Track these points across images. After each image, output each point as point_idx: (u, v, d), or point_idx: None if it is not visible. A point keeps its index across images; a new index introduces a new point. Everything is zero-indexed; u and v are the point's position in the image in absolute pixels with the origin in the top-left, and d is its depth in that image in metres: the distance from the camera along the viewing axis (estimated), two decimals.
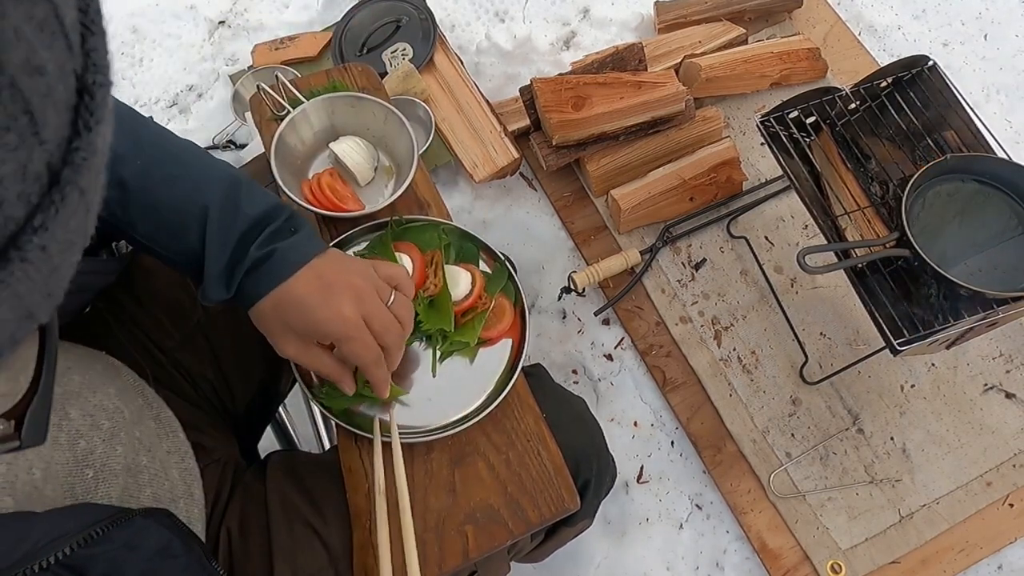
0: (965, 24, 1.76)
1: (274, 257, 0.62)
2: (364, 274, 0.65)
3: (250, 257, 0.61)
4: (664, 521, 1.31)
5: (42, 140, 0.22)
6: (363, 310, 0.64)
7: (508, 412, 0.74)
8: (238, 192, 0.63)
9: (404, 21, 1.60)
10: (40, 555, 0.47)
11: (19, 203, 0.22)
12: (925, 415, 1.35)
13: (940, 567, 1.25)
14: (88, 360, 0.67)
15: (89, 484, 0.58)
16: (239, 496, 0.73)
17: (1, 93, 0.20)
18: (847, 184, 1.14)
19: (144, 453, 0.63)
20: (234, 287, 0.62)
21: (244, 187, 0.64)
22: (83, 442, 0.58)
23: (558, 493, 0.70)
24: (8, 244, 0.22)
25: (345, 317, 0.62)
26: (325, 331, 0.63)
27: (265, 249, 0.62)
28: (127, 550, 0.52)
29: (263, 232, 0.62)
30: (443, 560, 0.67)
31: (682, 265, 1.47)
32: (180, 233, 0.62)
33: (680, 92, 1.40)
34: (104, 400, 0.63)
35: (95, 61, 0.24)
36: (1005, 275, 1.03)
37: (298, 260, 0.63)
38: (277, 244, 0.62)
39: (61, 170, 0.23)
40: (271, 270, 0.62)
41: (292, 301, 0.62)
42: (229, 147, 1.55)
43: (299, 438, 1.15)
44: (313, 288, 0.62)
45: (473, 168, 1.48)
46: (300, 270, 0.62)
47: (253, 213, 0.63)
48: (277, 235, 0.63)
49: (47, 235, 0.22)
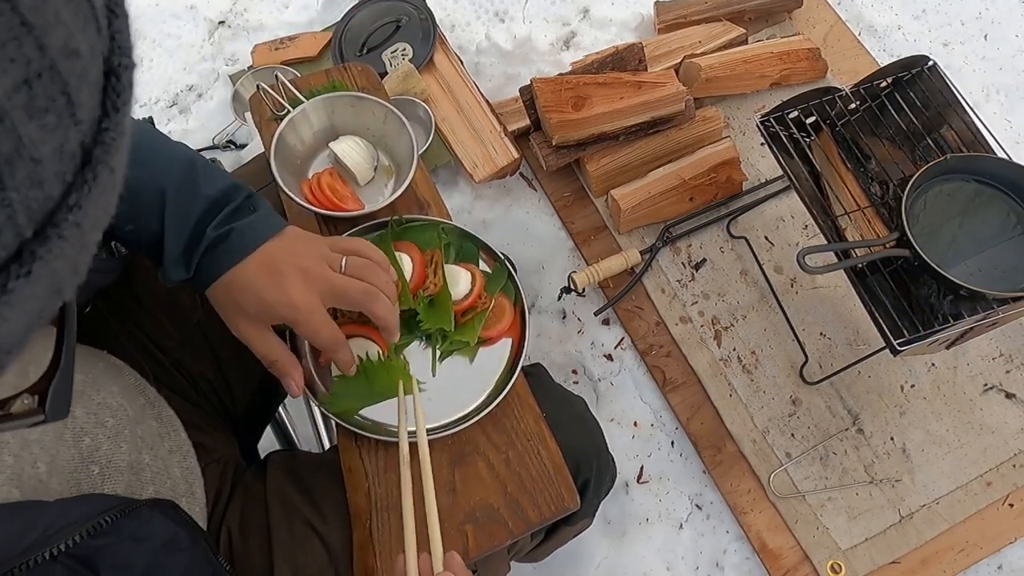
0: (965, 24, 1.76)
1: (231, 237, 0.63)
2: (315, 253, 0.66)
3: (207, 237, 0.62)
4: (664, 521, 1.31)
5: (77, 121, 0.23)
6: (316, 288, 0.64)
7: (508, 411, 0.74)
8: (195, 173, 0.64)
9: (404, 21, 1.60)
10: (50, 543, 0.48)
11: (56, 182, 0.22)
12: (925, 415, 1.35)
13: (940, 567, 1.25)
14: (90, 359, 0.67)
15: (95, 480, 0.58)
16: (239, 496, 0.73)
17: (42, 75, 0.21)
18: (847, 184, 1.14)
19: (147, 451, 0.64)
20: (193, 267, 0.63)
21: (201, 168, 0.64)
22: (88, 439, 0.59)
23: (558, 492, 0.70)
24: (46, 222, 0.22)
25: (292, 300, 0.63)
26: (275, 314, 0.64)
27: (222, 229, 0.63)
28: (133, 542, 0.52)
29: (221, 212, 0.63)
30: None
31: (682, 265, 1.47)
32: (140, 217, 0.62)
33: (680, 92, 1.40)
34: (108, 398, 0.63)
35: (120, 44, 0.25)
36: (1005, 275, 1.03)
37: (253, 241, 0.63)
38: (234, 224, 0.63)
39: (93, 149, 0.24)
40: (228, 249, 0.63)
41: (243, 284, 0.63)
42: (229, 147, 1.55)
43: (299, 438, 1.15)
44: (263, 271, 0.63)
45: (473, 168, 1.48)
46: (253, 252, 0.63)
47: (211, 193, 0.63)
48: (235, 215, 0.64)
49: (81, 212, 0.23)
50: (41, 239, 0.22)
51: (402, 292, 0.76)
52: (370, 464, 0.71)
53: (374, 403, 0.73)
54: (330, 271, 0.66)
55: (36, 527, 0.48)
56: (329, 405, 0.72)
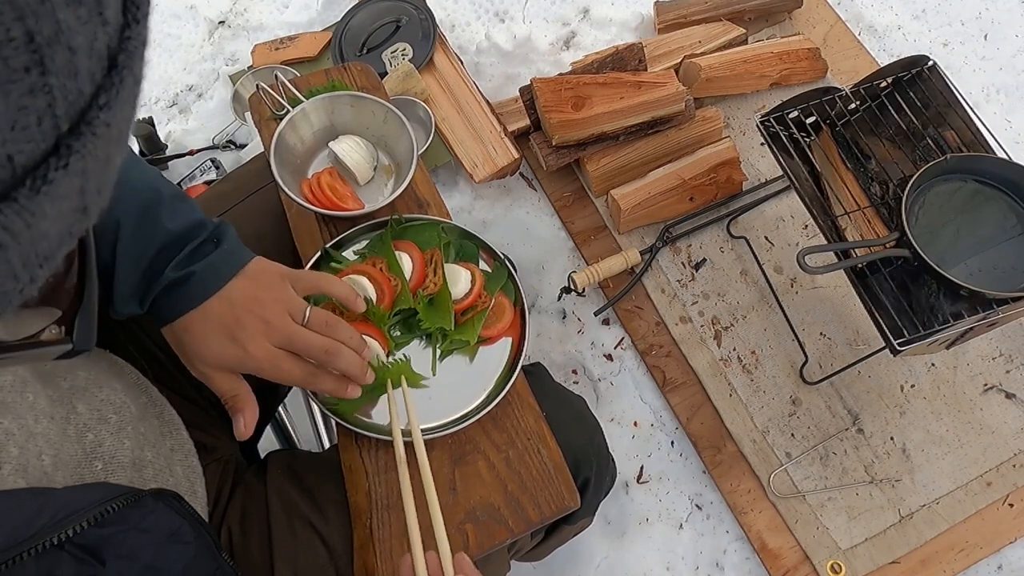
0: (965, 24, 1.76)
1: (191, 282, 0.60)
2: (278, 300, 0.63)
3: (165, 277, 0.60)
4: (664, 521, 1.31)
5: (104, 20, 0.23)
6: (275, 340, 0.62)
7: (508, 411, 0.74)
8: (159, 205, 0.61)
9: (404, 21, 1.60)
10: (56, 529, 0.48)
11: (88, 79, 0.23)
12: (925, 415, 1.35)
13: (940, 567, 1.25)
14: (93, 357, 0.67)
15: (99, 475, 0.58)
16: (240, 495, 0.73)
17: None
18: (847, 184, 1.14)
19: (149, 448, 0.64)
20: (147, 304, 0.61)
21: (168, 200, 0.62)
22: (91, 435, 0.59)
23: (558, 491, 0.70)
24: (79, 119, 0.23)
25: (252, 356, 0.62)
26: (235, 367, 0.63)
27: (182, 272, 0.60)
28: (139, 532, 0.53)
29: (183, 250, 0.61)
30: None
31: (682, 265, 1.47)
32: None
33: (680, 92, 1.40)
34: (111, 395, 0.63)
35: None
36: (1005, 275, 1.03)
37: (215, 283, 0.61)
38: (195, 266, 0.61)
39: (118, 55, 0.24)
40: (187, 294, 0.61)
41: (201, 333, 0.61)
42: (229, 147, 1.55)
43: (299, 437, 1.15)
44: (220, 324, 0.61)
45: (473, 168, 1.48)
46: (213, 297, 0.61)
47: (172, 228, 0.61)
48: (197, 252, 0.62)
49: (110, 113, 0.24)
50: (76, 134, 0.23)
51: (402, 291, 0.76)
52: (370, 463, 0.71)
53: (374, 401, 0.73)
54: (292, 324, 0.63)
55: (43, 514, 0.49)
56: (329, 404, 0.72)
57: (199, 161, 1.53)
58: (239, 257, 0.64)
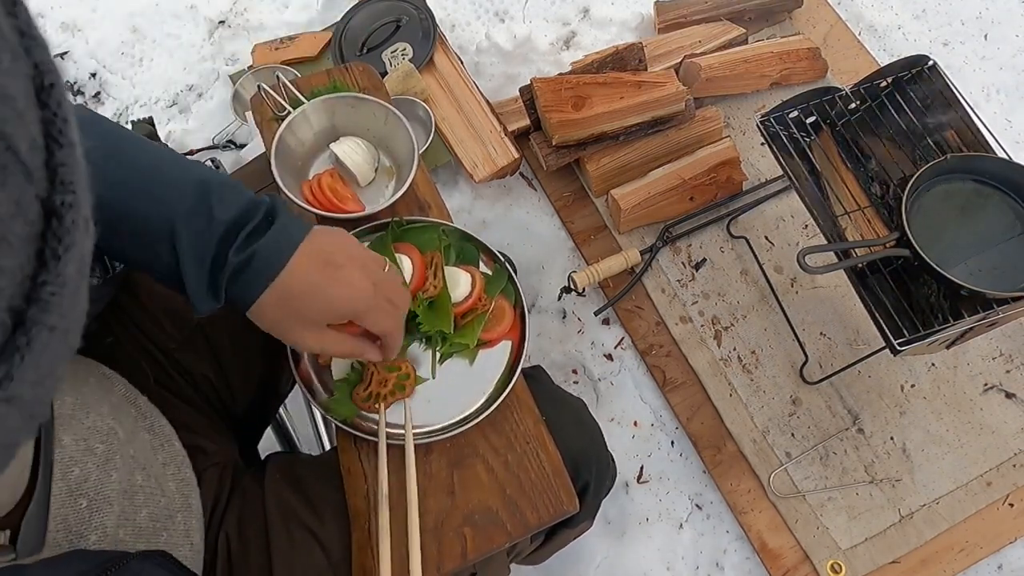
0: (965, 24, 1.76)
1: (256, 257, 0.59)
2: (358, 244, 0.65)
3: (230, 264, 0.58)
4: (664, 521, 1.31)
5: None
6: (373, 278, 0.63)
7: (507, 414, 0.74)
8: (208, 198, 0.59)
9: (404, 21, 1.60)
10: None
11: None
12: (925, 415, 1.35)
13: (940, 567, 1.26)
14: (81, 375, 0.65)
15: (83, 514, 0.55)
16: (237, 500, 0.73)
17: None
18: (847, 184, 1.14)
19: (139, 471, 0.62)
20: (222, 296, 0.59)
21: (216, 190, 0.60)
22: (77, 470, 0.55)
23: (557, 495, 0.70)
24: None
25: (362, 289, 0.62)
26: (343, 309, 0.62)
27: (244, 253, 0.59)
28: None
29: (239, 235, 0.59)
30: (441, 562, 0.67)
31: (682, 265, 1.47)
32: (149, 250, 0.58)
33: (680, 92, 1.40)
34: (97, 421, 0.60)
35: (63, 178, 0.22)
36: (1005, 275, 1.03)
37: (284, 251, 0.60)
38: (256, 244, 0.59)
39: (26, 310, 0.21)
40: (257, 269, 0.59)
41: (297, 289, 0.60)
42: (229, 147, 1.55)
43: (299, 439, 1.15)
44: (316, 269, 0.60)
45: (473, 168, 1.48)
46: (293, 257, 0.60)
47: (226, 218, 0.59)
48: (255, 234, 0.60)
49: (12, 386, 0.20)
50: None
51: None
52: (369, 466, 0.71)
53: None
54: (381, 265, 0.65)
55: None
56: (329, 407, 0.72)
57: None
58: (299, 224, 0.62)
